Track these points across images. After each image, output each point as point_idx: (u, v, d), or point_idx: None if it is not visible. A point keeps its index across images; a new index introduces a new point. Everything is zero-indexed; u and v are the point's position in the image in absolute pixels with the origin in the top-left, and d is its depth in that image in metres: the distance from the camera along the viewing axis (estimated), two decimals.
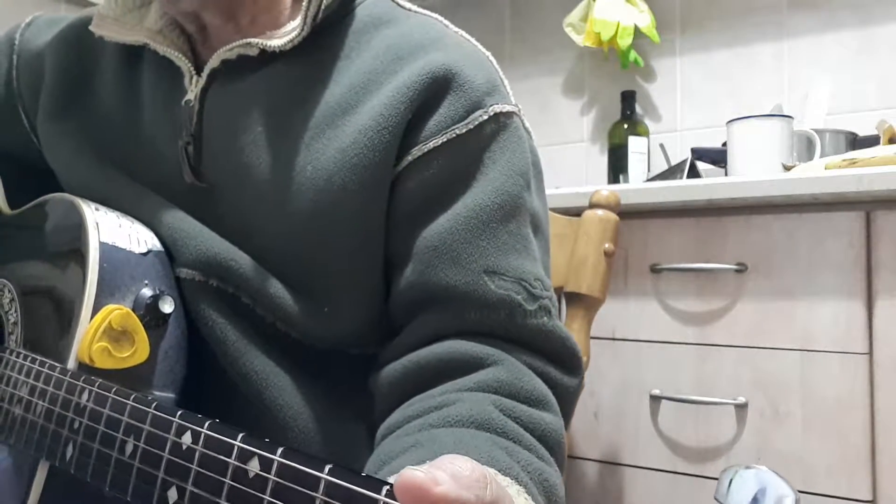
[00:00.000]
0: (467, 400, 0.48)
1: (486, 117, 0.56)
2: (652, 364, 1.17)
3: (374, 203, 0.55)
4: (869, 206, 1.02)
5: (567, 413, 0.56)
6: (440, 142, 0.55)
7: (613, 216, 0.91)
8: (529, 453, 0.46)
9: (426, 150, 0.55)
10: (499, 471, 0.41)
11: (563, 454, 0.51)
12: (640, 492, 1.17)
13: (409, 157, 0.55)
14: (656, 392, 1.16)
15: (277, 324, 0.56)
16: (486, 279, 0.54)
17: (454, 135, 0.55)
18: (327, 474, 0.28)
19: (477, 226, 0.54)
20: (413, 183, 0.55)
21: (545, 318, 0.55)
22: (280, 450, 0.31)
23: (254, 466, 0.32)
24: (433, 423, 0.46)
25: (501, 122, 0.58)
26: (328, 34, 0.59)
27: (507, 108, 0.58)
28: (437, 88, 0.56)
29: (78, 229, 0.54)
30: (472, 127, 0.56)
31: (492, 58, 0.62)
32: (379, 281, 0.58)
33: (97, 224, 0.54)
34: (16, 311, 0.57)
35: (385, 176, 0.55)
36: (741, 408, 1.09)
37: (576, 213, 0.94)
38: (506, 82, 0.61)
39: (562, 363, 0.56)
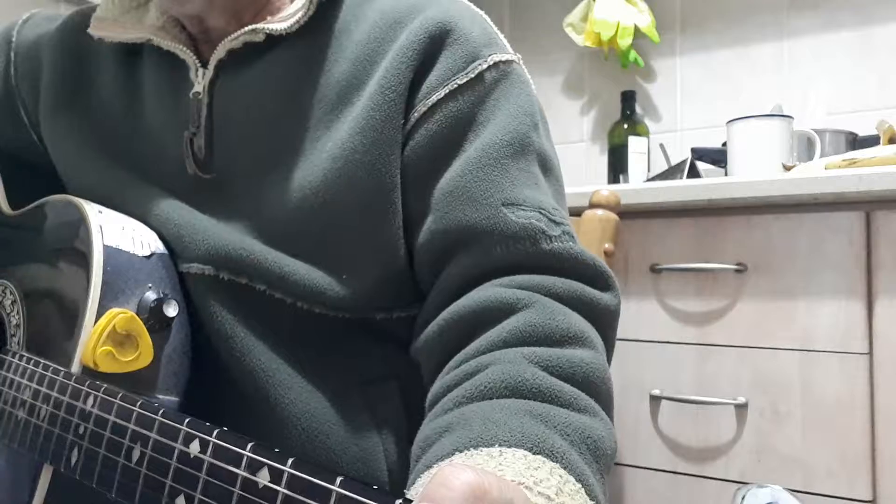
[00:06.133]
0: (500, 361, 0.47)
1: (485, 66, 0.57)
2: (652, 364, 1.17)
3: (384, 161, 0.55)
4: (869, 206, 1.02)
5: (609, 336, 0.55)
6: (442, 94, 0.56)
7: (613, 216, 0.91)
8: (569, 410, 0.45)
9: (430, 104, 0.56)
10: (528, 450, 0.40)
11: (607, 390, 0.50)
12: (640, 492, 1.17)
13: (415, 115, 0.56)
14: (656, 392, 1.16)
15: (298, 303, 0.56)
16: (506, 211, 0.54)
17: (455, 85, 0.56)
18: (339, 486, 0.28)
19: (488, 163, 0.55)
20: (421, 138, 0.56)
21: (570, 242, 0.55)
22: (290, 460, 0.31)
23: (263, 477, 0.32)
24: (466, 396, 0.46)
25: (502, 69, 0.58)
26: (328, 11, 0.59)
27: (506, 56, 0.59)
28: (435, 44, 0.56)
29: (82, 232, 0.54)
30: (472, 76, 0.56)
31: (486, 16, 0.62)
32: (395, 239, 0.57)
33: (101, 227, 0.54)
34: (18, 314, 0.57)
35: (394, 135, 0.55)
36: (741, 408, 1.09)
37: (576, 213, 0.93)
38: (502, 36, 0.61)
39: (596, 283, 0.55)
